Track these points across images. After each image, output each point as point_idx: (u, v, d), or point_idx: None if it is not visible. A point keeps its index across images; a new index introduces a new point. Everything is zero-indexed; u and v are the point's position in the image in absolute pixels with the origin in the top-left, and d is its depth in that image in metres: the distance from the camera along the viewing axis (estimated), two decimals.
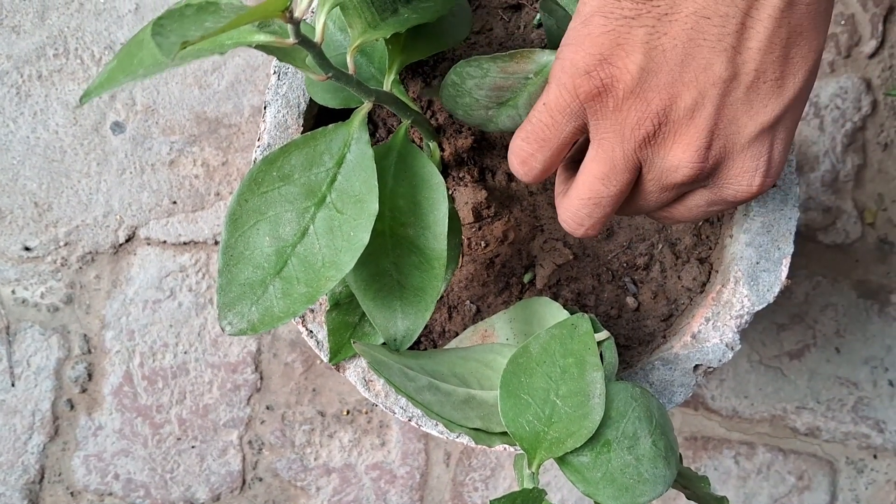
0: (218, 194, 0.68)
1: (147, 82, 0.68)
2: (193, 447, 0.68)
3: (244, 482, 0.69)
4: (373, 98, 0.37)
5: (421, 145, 0.47)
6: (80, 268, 0.68)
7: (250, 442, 0.69)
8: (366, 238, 0.34)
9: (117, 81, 0.33)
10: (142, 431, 0.68)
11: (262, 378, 0.69)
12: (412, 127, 0.42)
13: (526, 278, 0.48)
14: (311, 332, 0.45)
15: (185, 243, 0.68)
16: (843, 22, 0.69)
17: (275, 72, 0.45)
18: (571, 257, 0.48)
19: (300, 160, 0.35)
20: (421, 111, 0.46)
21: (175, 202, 0.68)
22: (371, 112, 0.47)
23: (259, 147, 0.45)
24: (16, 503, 0.69)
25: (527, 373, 0.36)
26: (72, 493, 0.69)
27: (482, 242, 0.47)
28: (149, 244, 0.68)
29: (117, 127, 0.68)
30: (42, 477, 0.69)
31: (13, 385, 0.69)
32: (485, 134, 0.47)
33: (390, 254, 0.38)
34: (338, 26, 0.41)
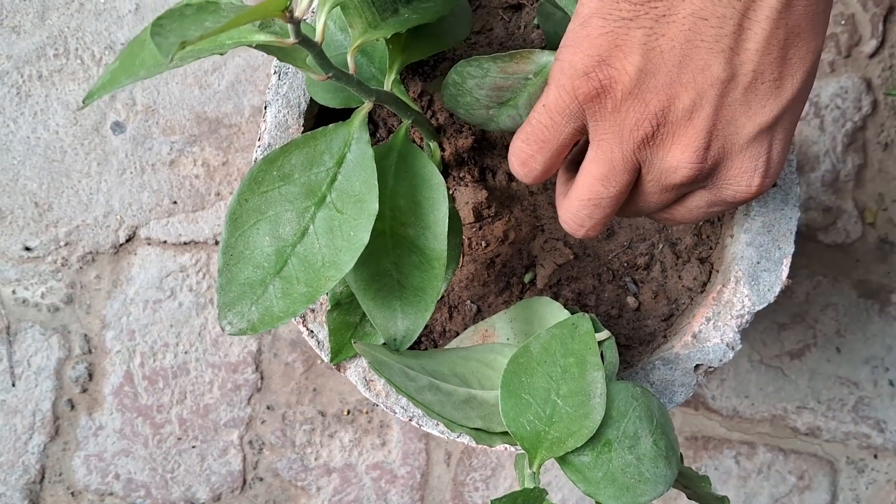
0: (218, 194, 0.68)
1: (147, 82, 0.68)
2: (194, 447, 0.68)
3: (245, 482, 0.69)
4: (373, 98, 0.37)
5: (421, 145, 0.47)
6: (81, 268, 0.68)
7: (251, 442, 0.69)
8: (366, 238, 0.34)
9: (119, 83, 0.33)
10: (142, 431, 0.68)
11: (263, 378, 0.69)
12: (413, 127, 0.42)
13: (526, 278, 0.48)
14: (312, 332, 0.45)
15: (186, 243, 0.68)
16: (844, 22, 0.69)
17: (275, 72, 0.45)
18: (572, 257, 0.48)
19: (300, 160, 0.35)
20: (421, 111, 0.46)
21: (175, 202, 0.68)
22: (371, 112, 0.47)
23: (260, 147, 0.45)
24: (16, 503, 0.69)
25: (528, 372, 0.36)
26: (72, 493, 0.69)
27: (483, 242, 0.47)
28: (149, 244, 0.68)
29: (118, 127, 0.68)
30: (42, 477, 0.69)
31: (14, 385, 0.69)
32: (485, 133, 0.47)
33: (390, 253, 0.38)
34: (338, 26, 0.41)
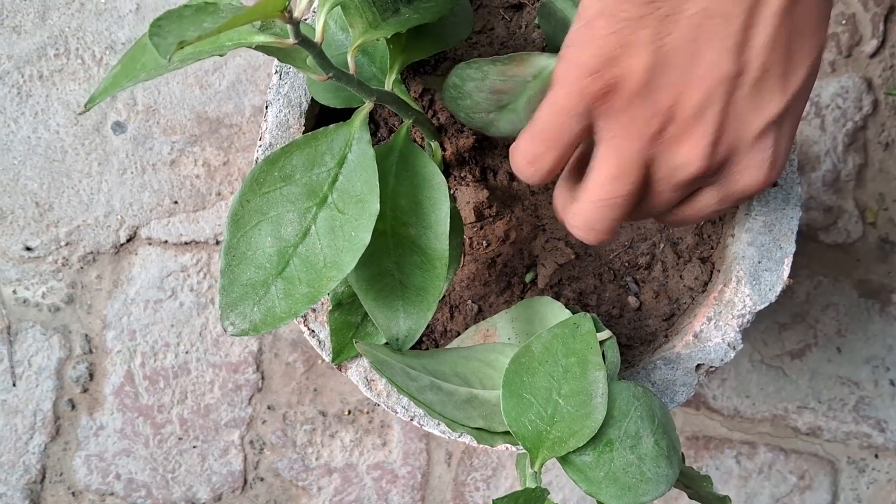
0: (219, 194, 0.68)
1: (148, 82, 0.68)
2: (195, 447, 0.68)
3: (246, 482, 0.69)
4: (374, 98, 0.37)
5: (423, 145, 0.47)
6: (82, 268, 0.68)
7: (252, 442, 0.69)
8: (367, 238, 0.34)
9: (120, 86, 0.33)
10: (143, 431, 0.68)
11: (264, 378, 0.69)
12: (414, 126, 0.42)
13: (528, 278, 0.48)
14: (313, 332, 0.45)
15: (187, 243, 0.68)
16: (844, 21, 0.69)
17: (276, 71, 0.45)
18: (573, 257, 0.48)
19: (301, 160, 0.35)
20: (422, 111, 0.46)
21: (176, 202, 0.68)
22: (372, 112, 0.47)
23: (261, 146, 0.45)
24: (17, 503, 0.69)
25: (529, 372, 0.36)
26: (73, 493, 0.69)
27: (484, 242, 0.47)
28: (150, 244, 0.68)
29: (118, 127, 0.68)
30: (43, 477, 0.69)
31: (14, 385, 0.69)
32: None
33: (392, 253, 0.38)
34: (339, 25, 0.41)
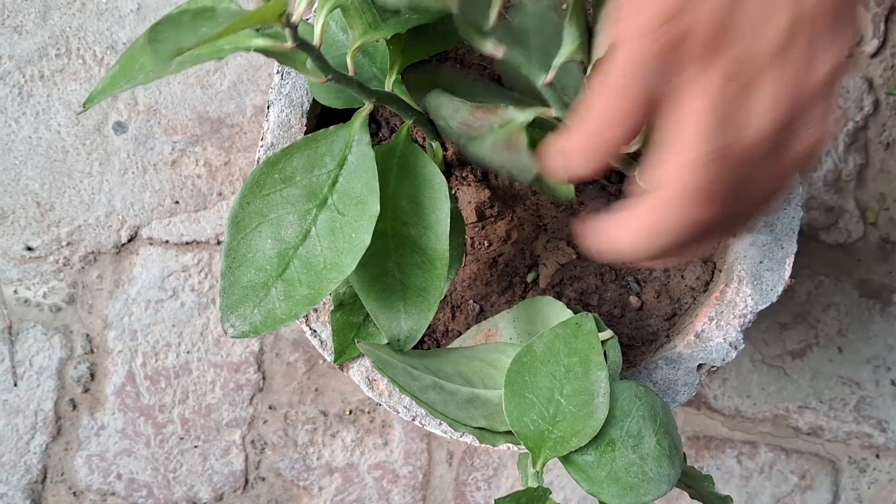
0: (220, 194, 0.68)
1: (145, 84, 0.68)
2: (196, 447, 0.69)
3: (247, 482, 0.69)
4: (374, 99, 0.37)
5: (423, 145, 0.47)
6: (83, 268, 0.68)
7: (253, 441, 0.69)
8: (367, 240, 0.34)
9: (119, 87, 0.33)
10: (144, 431, 0.68)
11: (265, 378, 0.69)
12: (415, 126, 0.42)
13: (529, 278, 0.48)
14: (315, 332, 0.45)
15: (188, 243, 0.68)
16: None
17: (278, 71, 0.45)
18: (575, 256, 0.48)
19: (301, 162, 0.35)
20: (423, 111, 0.46)
21: (177, 202, 0.68)
22: (374, 111, 0.47)
23: (262, 146, 0.45)
24: (18, 503, 0.69)
25: (531, 372, 0.36)
26: (74, 493, 0.69)
27: (485, 242, 0.47)
28: (151, 244, 0.68)
29: (119, 127, 0.68)
30: (45, 477, 0.69)
31: (16, 385, 0.69)
32: None
33: (393, 254, 0.38)
34: (339, 26, 0.41)
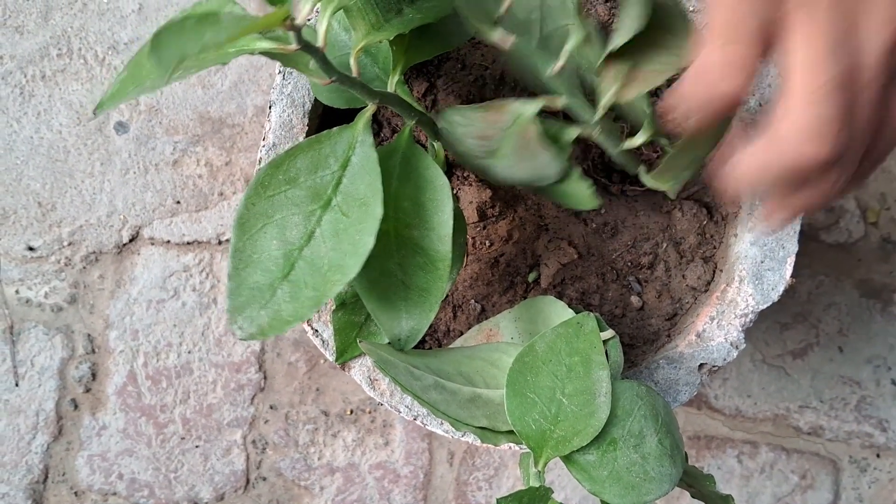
0: (221, 194, 0.69)
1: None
2: (197, 447, 0.69)
3: (248, 482, 0.69)
4: (377, 100, 0.37)
5: (425, 145, 0.47)
6: (84, 268, 0.68)
7: (254, 441, 0.69)
8: (371, 242, 0.34)
9: (127, 93, 0.33)
10: (146, 431, 0.68)
11: (266, 377, 0.69)
12: (417, 127, 0.42)
13: (530, 277, 0.48)
14: (317, 331, 0.45)
15: (189, 243, 0.68)
16: None
17: (279, 71, 0.45)
18: (576, 256, 0.48)
19: (305, 163, 0.35)
20: (425, 111, 0.46)
21: (179, 202, 0.68)
22: (376, 112, 0.47)
23: (264, 147, 0.45)
24: (20, 503, 0.69)
25: (533, 371, 0.36)
26: (76, 493, 0.69)
27: (487, 241, 0.47)
28: (152, 244, 0.68)
29: (121, 127, 0.69)
30: (46, 477, 0.69)
31: (17, 385, 0.69)
32: None
33: (395, 255, 0.38)
34: (342, 26, 0.41)
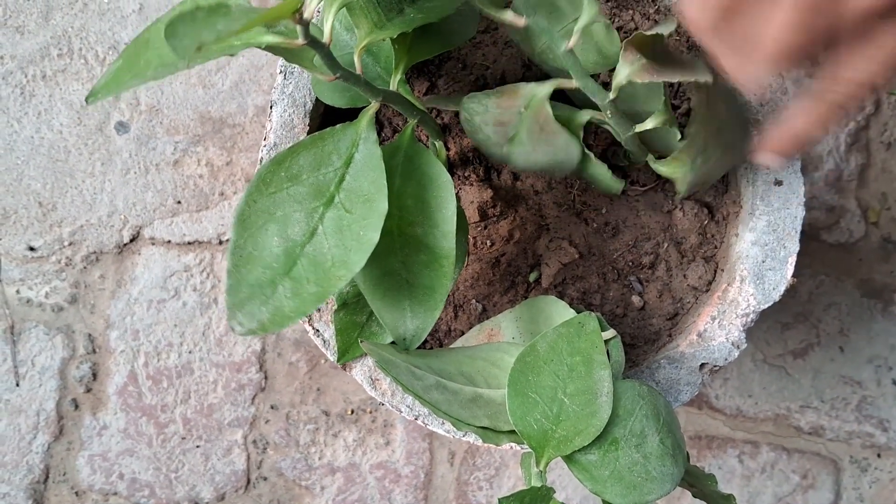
0: (222, 194, 0.69)
1: (151, 82, 0.68)
2: (198, 447, 0.69)
3: (249, 481, 0.69)
4: (380, 98, 0.37)
5: (427, 144, 0.47)
6: (85, 268, 0.68)
7: (255, 441, 0.69)
8: (375, 237, 0.34)
9: (124, 82, 0.33)
10: (146, 431, 0.68)
11: (267, 377, 0.69)
12: (418, 126, 0.42)
13: (531, 277, 0.48)
14: (318, 331, 0.45)
15: (190, 243, 0.68)
16: None
17: (281, 71, 0.45)
18: (577, 256, 0.48)
19: (308, 160, 0.35)
20: (427, 110, 0.46)
21: (179, 202, 0.68)
22: (377, 111, 0.47)
23: (265, 146, 0.45)
24: (21, 503, 0.69)
25: (534, 371, 0.36)
26: (76, 493, 0.69)
27: (488, 241, 0.47)
28: (153, 244, 0.68)
29: (121, 127, 0.69)
30: (47, 476, 0.69)
31: (18, 385, 0.69)
32: None
33: (399, 253, 0.38)
34: (344, 26, 0.41)
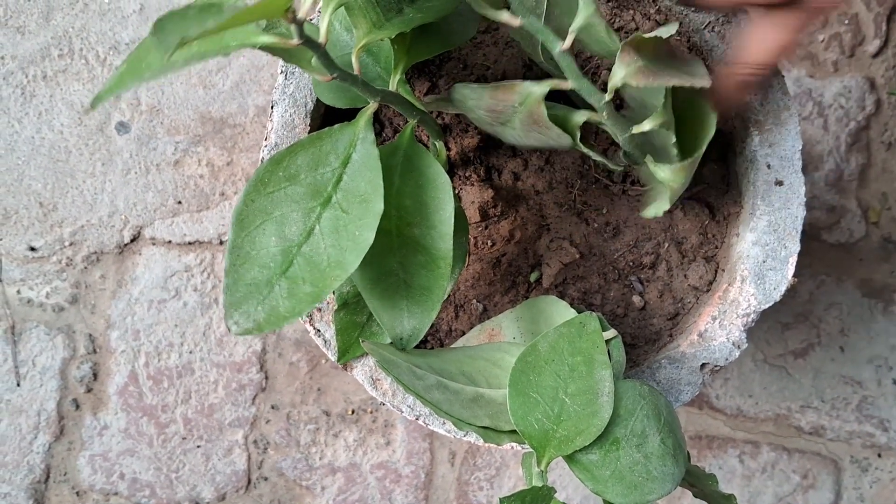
0: (223, 194, 0.69)
1: (152, 82, 0.68)
2: (199, 447, 0.69)
3: (249, 481, 0.69)
4: (378, 98, 0.37)
5: (427, 144, 0.47)
6: (86, 268, 0.68)
7: (255, 441, 0.69)
8: (371, 237, 0.34)
9: (125, 85, 0.33)
10: (147, 431, 0.68)
11: (268, 378, 0.69)
12: (418, 126, 0.42)
13: (532, 277, 0.48)
14: (319, 331, 0.45)
15: (190, 243, 0.68)
16: (847, 21, 0.69)
17: (282, 71, 0.45)
18: (578, 256, 0.48)
19: (306, 160, 0.35)
20: (427, 111, 0.46)
21: (180, 202, 0.68)
22: (378, 111, 0.47)
23: (266, 146, 0.45)
24: (21, 503, 0.69)
25: (535, 371, 0.36)
26: (77, 493, 0.69)
27: (489, 241, 0.47)
28: (154, 244, 0.68)
29: (122, 127, 0.69)
30: (48, 476, 0.69)
31: (18, 385, 0.69)
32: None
33: (396, 253, 0.38)
34: (343, 26, 0.41)
